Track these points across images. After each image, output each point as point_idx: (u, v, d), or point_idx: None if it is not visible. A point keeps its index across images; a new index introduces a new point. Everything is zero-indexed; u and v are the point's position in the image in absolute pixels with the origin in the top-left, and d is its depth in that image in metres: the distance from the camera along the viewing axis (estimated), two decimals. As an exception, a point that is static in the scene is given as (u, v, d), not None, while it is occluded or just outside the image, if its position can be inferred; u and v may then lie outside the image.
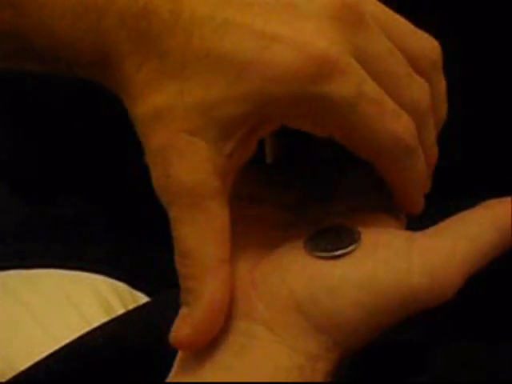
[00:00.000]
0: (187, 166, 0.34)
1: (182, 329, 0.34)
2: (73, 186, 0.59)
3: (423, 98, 0.35)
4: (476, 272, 0.35)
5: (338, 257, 0.35)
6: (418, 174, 0.36)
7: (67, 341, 0.43)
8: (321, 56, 0.33)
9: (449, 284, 0.34)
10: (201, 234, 0.34)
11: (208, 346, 0.34)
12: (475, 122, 0.51)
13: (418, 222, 0.38)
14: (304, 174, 0.40)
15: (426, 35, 0.36)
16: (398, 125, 0.34)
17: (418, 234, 0.36)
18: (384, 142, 0.34)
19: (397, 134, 0.34)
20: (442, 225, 0.36)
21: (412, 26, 0.36)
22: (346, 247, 0.35)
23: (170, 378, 0.35)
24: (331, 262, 0.35)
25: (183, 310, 0.34)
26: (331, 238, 0.36)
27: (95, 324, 0.45)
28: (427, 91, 0.36)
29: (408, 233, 0.36)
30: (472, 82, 0.50)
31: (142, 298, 0.55)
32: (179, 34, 0.33)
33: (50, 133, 0.59)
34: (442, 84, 0.37)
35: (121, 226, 0.57)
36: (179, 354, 0.35)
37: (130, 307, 0.52)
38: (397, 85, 0.35)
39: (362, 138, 0.34)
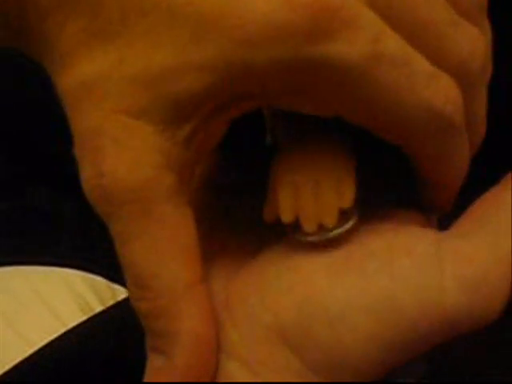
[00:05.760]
0: (128, 159, 0.25)
1: None
2: (41, 178, 0.55)
3: (475, 55, 0.26)
4: None
5: (329, 241, 0.26)
6: (459, 160, 0.27)
7: (41, 344, 0.41)
8: (316, 3, 0.23)
9: (495, 299, 0.25)
10: (159, 253, 0.25)
11: None
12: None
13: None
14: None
15: None
16: (436, 92, 0.25)
17: (447, 234, 0.26)
18: (415, 117, 0.25)
19: (434, 105, 0.25)
20: (470, 217, 0.26)
21: None
22: (340, 227, 0.26)
23: None
24: (331, 280, 0.25)
25: (155, 363, 0.26)
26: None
27: (71, 324, 0.42)
28: (482, 45, 0.26)
29: (434, 233, 0.26)
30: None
31: (122, 293, 0.51)
32: None
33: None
34: (489, 34, 0.27)
35: (94, 216, 0.53)
36: None
37: (110, 303, 0.49)
38: (435, 38, 0.25)
39: (383, 114, 0.25)
